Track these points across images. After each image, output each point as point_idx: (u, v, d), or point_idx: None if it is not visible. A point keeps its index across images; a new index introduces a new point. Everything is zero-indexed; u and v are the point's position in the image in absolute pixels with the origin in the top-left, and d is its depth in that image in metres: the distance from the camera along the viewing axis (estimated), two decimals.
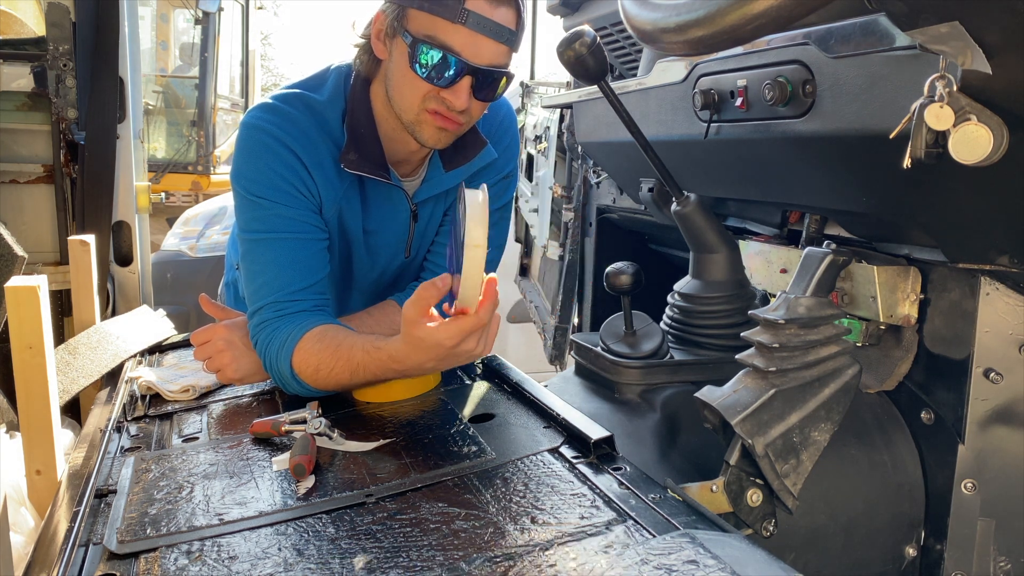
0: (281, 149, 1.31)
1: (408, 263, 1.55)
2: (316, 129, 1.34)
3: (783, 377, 1.06)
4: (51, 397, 1.25)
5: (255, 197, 1.32)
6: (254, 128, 1.33)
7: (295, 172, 1.32)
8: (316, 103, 1.36)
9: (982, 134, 0.76)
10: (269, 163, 1.31)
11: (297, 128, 1.32)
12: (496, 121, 1.50)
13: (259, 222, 1.33)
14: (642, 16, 0.87)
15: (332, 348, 1.25)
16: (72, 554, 0.85)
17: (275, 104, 1.35)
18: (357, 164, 1.34)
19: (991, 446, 1.12)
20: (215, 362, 1.39)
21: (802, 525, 1.15)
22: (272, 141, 1.31)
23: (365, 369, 1.21)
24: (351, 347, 1.23)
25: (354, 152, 1.34)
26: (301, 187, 1.33)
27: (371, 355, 1.20)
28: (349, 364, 1.22)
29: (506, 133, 1.52)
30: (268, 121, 1.32)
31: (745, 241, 1.50)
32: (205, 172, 7.27)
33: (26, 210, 2.52)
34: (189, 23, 7.45)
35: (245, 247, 1.36)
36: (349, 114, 1.37)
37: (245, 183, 1.33)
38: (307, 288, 1.33)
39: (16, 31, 2.62)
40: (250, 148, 1.33)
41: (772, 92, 1.13)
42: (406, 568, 0.79)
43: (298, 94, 1.37)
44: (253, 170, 1.32)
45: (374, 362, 1.20)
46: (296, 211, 1.32)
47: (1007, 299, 1.09)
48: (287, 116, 1.33)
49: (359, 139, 1.35)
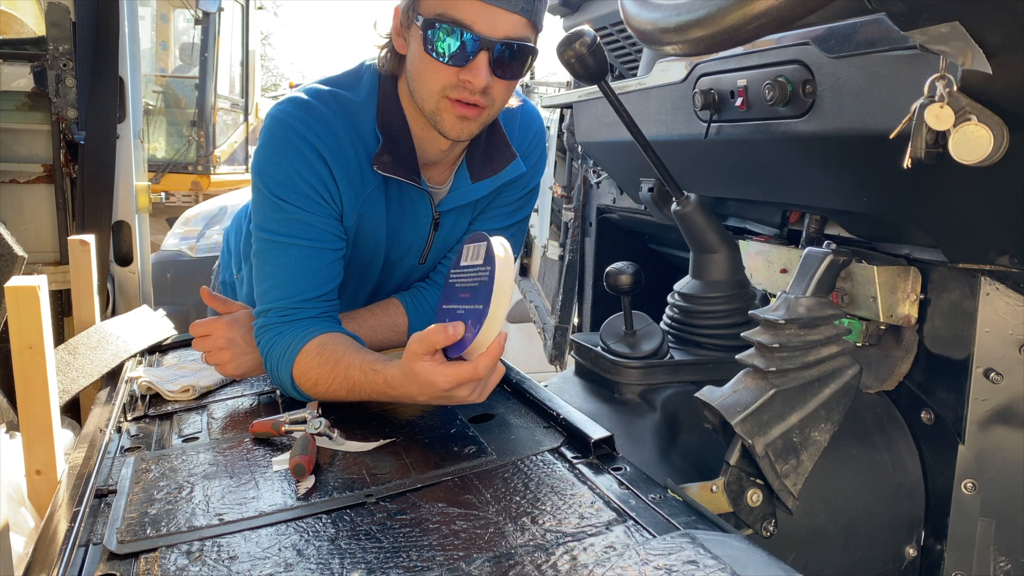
0: (308, 150, 1.27)
1: (421, 269, 1.53)
2: (347, 131, 1.30)
3: (783, 377, 1.06)
4: (51, 397, 1.25)
5: (276, 198, 1.28)
6: (282, 124, 1.28)
7: (320, 177, 1.28)
8: (351, 103, 1.32)
9: (982, 134, 0.76)
10: (294, 164, 1.27)
11: (328, 129, 1.28)
12: (530, 135, 1.48)
13: (277, 223, 1.29)
14: (642, 16, 0.87)
15: (331, 364, 1.23)
16: (72, 554, 0.85)
17: (308, 101, 1.30)
18: (391, 167, 1.31)
19: (991, 446, 1.12)
20: (214, 357, 1.39)
21: (802, 525, 1.15)
22: (300, 141, 1.27)
23: (361, 389, 1.21)
24: (348, 365, 1.22)
25: (388, 154, 1.31)
26: (324, 192, 1.29)
27: (367, 376, 1.19)
28: (346, 383, 1.22)
29: (536, 147, 1.50)
30: (298, 118, 1.28)
31: (745, 241, 1.50)
32: (205, 172, 7.27)
33: (26, 210, 2.52)
34: (189, 23, 7.46)
35: (259, 244, 1.33)
36: (381, 115, 1.32)
37: (267, 180, 1.29)
38: (316, 298, 1.31)
39: (16, 31, 2.62)
40: (276, 144, 1.28)
41: (772, 92, 1.13)
42: (406, 568, 0.79)
43: (333, 92, 1.32)
44: (277, 168, 1.28)
45: (370, 383, 1.19)
46: (316, 217, 1.29)
47: (1007, 299, 1.09)
48: (319, 115, 1.28)
49: (393, 141, 1.32)
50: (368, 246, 1.42)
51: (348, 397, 1.23)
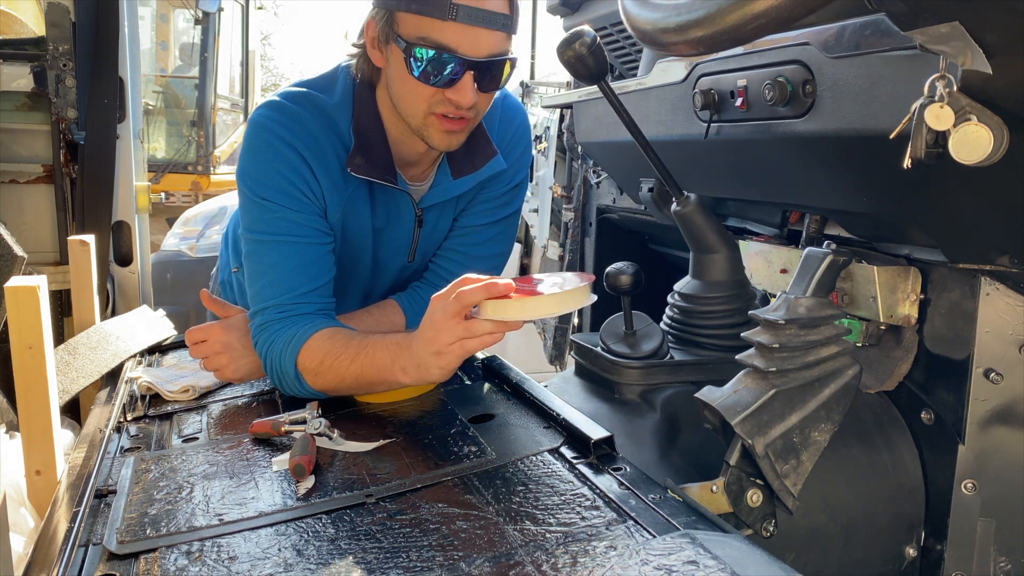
0: (288, 151, 1.30)
1: (412, 267, 1.54)
2: (324, 131, 1.32)
3: (783, 377, 1.06)
4: (51, 397, 1.25)
5: (261, 199, 1.31)
6: (261, 127, 1.31)
7: (301, 175, 1.30)
8: (326, 105, 1.34)
9: (982, 134, 0.76)
10: (275, 165, 1.30)
11: (305, 129, 1.31)
12: (511, 130, 1.49)
13: (264, 223, 1.32)
14: (642, 16, 0.87)
15: (343, 341, 1.25)
16: (72, 554, 0.85)
17: (283, 103, 1.33)
18: (364, 169, 1.33)
19: (991, 446, 1.12)
20: (212, 362, 1.39)
21: (802, 525, 1.15)
22: (279, 142, 1.30)
23: (368, 357, 1.21)
24: (363, 336, 1.25)
25: (361, 156, 1.33)
26: (307, 190, 1.31)
27: (381, 341, 1.21)
28: (354, 347, 1.23)
29: (519, 142, 1.51)
30: (275, 121, 1.31)
31: (745, 241, 1.50)
32: (205, 172, 7.27)
33: (26, 210, 2.51)
34: (189, 23, 7.46)
35: (249, 247, 1.35)
36: (356, 118, 1.35)
37: (251, 183, 1.32)
38: (312, 292, 1.32)
39: (16, 31, 2.62)
40: (257, 148, 1.32)
41: (772, 92, 1.13)
42: (406, 568, 0.79)
43: (307, 94, 1.35)
44: (259, 171, 1.31)
45: (382, 344, 1.20)
46: (301, 215, 1.31)
47: (1007, 299, 1.09)
48: (295, 116, 1.31)
49: (366, 143, 1.34)
50: (356, 244, 1.44)
51: (350, 367, 1.23)
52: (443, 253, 1.53)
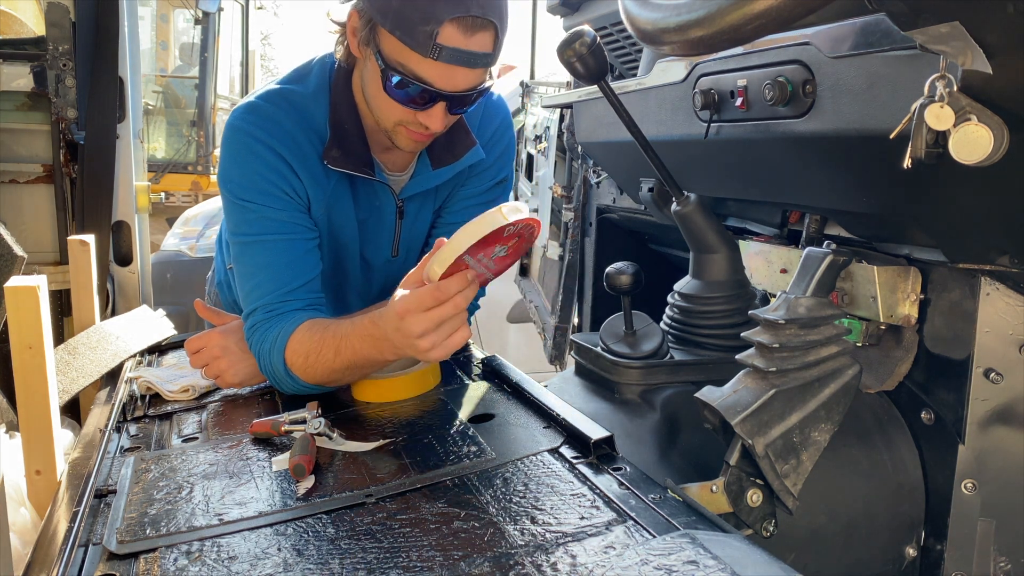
0: (264, 151, 1.30)
1: (397, 263, 1.53)
2: (300, 127, 1.33)
3: (783, 377, 1.06)
4: (51, 397, 1.25)
5: (242, 201, 1.32)
6: (237, 130, 1.32)
7: (280, 173, 1.31)
8: (300, 97, 1.34)
9: (982, 134, 0.76)
10: (253, 166, 1.30)
11: (280, 128, 1.31)
12: (492, 128, 1.49)
13: (248, 225, 1.32)
14: (642, 16, 0.87)
15: (320, 331, 1.25)
16: (72, 554, 0.85)
17: (257, 103, 1.33)
18: (340, 161, 1.33)
19: (991, 446, 1.12)
20: (212, 369, 1.39)
21: (802, 525, 1.15)
22: (255, 143, 1.30)
23: (348, 342, 1.21)
24: (338, 324, 1.24)
25: (337, 149, 1.33)
26: (287, 188, 1.32)
27: (356, 325, 1.21)
28: (335, 340, 1.22)
29: (501, 139, 1.51)
30: (250, 122, 1.31)
31: (745, 241, 1.50)
32: (205, 172, 7.28)
33: (26, 210, 2.52)
34: (189, 23, 7.46)
35: (236, 250, 1.35)
36: (332, 109, 1.35)
37: (231, 186, 1.33)
38: (299, 288, 1.32)
39: (16, 31, 2.62)
40: (234, 151, 1.32)
41: (772, 92, 1.13)
42: (406, 568, 0.79)
43: (281, 91, 1.35)
44: (238, 173, 1.32)
45: (357, 329, 1.20)
46: (283, 212, 1.32)
47: (1007, 299, 1.09)
48: (269, 116, 1.31)
49: (343, 135, 1.34)
50: (343, 238, 1.44)
51: (336, 358, 1.23)
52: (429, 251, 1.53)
